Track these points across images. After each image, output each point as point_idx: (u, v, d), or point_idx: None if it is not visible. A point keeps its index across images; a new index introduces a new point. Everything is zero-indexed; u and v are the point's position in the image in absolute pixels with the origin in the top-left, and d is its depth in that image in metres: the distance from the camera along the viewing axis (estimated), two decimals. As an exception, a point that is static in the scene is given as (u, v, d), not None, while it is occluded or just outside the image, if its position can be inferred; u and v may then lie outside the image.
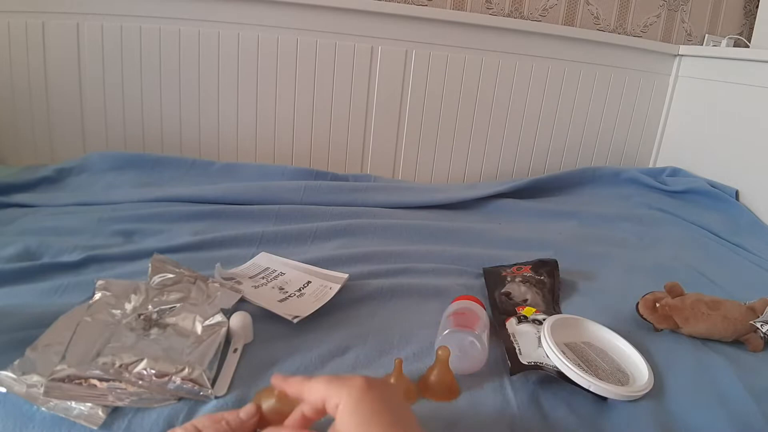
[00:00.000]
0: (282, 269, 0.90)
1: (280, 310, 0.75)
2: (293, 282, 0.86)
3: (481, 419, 0.59)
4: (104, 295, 0.70)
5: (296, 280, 0.86)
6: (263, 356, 0.66)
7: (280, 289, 0.83)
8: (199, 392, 0.57)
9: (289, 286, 0.84)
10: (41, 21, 1.33)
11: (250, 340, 0.69)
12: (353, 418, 0.37)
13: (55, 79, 1.37)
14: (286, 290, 0.83)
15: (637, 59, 1.73)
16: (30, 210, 1.08)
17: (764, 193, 1.42)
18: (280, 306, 0.77)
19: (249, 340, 0.69)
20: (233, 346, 0.67)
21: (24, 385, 0.54)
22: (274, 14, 1.44)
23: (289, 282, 0.86)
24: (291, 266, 0.92)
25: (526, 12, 1.65)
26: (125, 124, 1.45)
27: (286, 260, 0.94)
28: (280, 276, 0.88)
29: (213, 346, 0.63)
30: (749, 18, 1.84)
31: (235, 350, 0.66)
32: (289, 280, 0.86)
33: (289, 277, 0.88)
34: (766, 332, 0.79)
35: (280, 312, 0.74)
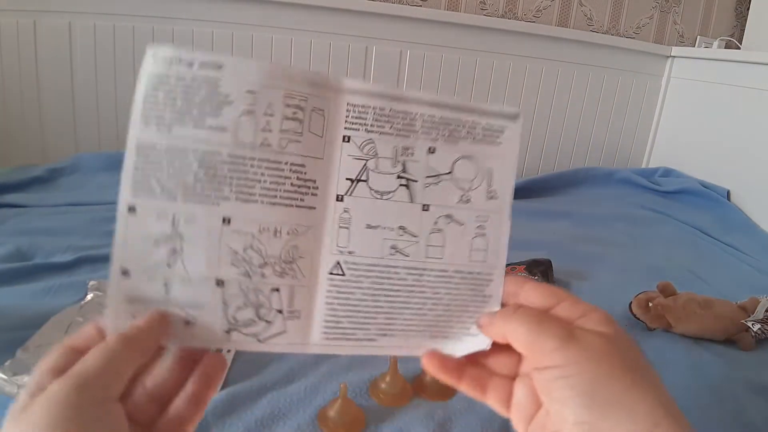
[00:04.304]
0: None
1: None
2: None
3: (476, 418, 0.59)
4: (96, 296, 0.69)
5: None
6: (256, 355, 0.66)
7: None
8: (193, 393, 0.57)
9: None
10: (32, 20, 1.32)
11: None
12: (618, 348, 0.27)
13: (47, 78, 1.36)
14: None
15: (629, 60, 1.74)
16: (21, 210, 1.07)
17: (755, 193, 1.43)
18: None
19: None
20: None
21: (15, 386, 0.54)
22: (269, 14, 1.44)
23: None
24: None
25: (520, 13, 1.66)
26: (118, 123, 1.44)
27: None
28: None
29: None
30: (740, 20, 1.86)
31: (228, 350, 0.66)
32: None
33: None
34: (757, 331, 0.80)
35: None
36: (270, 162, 0.29)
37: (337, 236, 0.31)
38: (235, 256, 0.29)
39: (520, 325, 0.28)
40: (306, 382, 0.62)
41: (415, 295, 0.31)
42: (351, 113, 0.31)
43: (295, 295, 0.30)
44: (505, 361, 0.31)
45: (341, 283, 0.31)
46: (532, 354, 0.28)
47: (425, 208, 0.32)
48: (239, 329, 0.30)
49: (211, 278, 0.29)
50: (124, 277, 0.29)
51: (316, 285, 0.31)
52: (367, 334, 0.31)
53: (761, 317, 0.81)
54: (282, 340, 0.30)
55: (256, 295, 0.30)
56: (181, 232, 0.29)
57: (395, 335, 0.31)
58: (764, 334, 0.81)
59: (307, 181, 0.30)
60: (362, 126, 0.31)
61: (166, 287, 0.29)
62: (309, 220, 0.30)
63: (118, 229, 0.28)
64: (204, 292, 0.29)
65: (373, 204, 0.31)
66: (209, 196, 0.29)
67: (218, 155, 0.29)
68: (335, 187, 0.31)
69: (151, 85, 0.29)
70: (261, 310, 0.30)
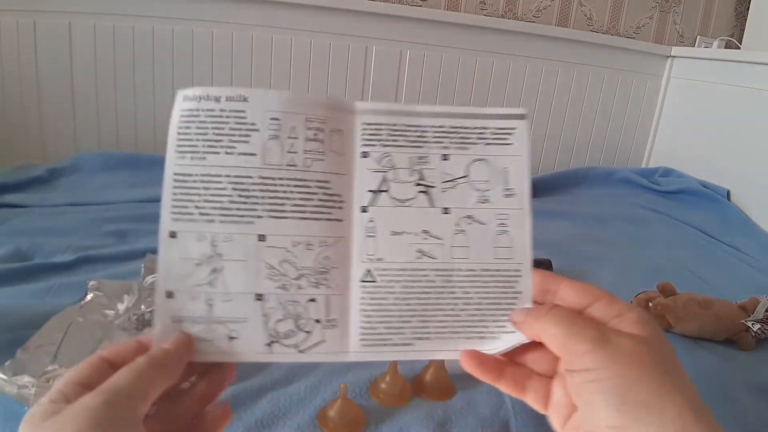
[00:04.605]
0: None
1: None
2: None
3: (475, 418, 0.59)
4: (96, 296, 0.69)
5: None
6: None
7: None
8: (193, 393, 0.57)
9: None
10: (32, 20, 1.32)
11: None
12: (652, 348, 0.27)
13: (47, 78, 1.36)
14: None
15: (629, 60, 1.74)
16: (21, 210, 1.07)
17: (755, 193, 1.43)
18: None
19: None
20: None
21: (15, 386, 0.54)
22: (268, 14, 1.44)
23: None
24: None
25: (519, 13, 1.66)
26: (118, 123, 1.44)
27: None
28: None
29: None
30: (740, 20, 1.86)
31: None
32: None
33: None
34: (757, 331, 0.80)
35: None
36: (297, 180, 0.32)
37: (364, 245, 0.32)
38: (271, 270, 0.31)
39: (552, 325, 0.28)
40: (306, 382, 0.62)
41: (446, 296, 0.32)
42: (366, 131, 0.33)
43: (331, 304, 0.32)
44: (543, 359, 0.31)
45: (373, 289, 0.32)
46: (565, 355, 0.28)
47: (446, 211, 0.33)
48: (280, 341, 0.31)
49: (251, 293, 0.31)
50: (169, 299, 0.31)
51: (350, 293, 0.32)
52: (403, 338, 0.32)
53: (761, 317, 0.81)
54: (321, 349, 0.31)
55: (294, 307, 0.31)
56: (220, 251, 0.31)
57: (431, 338, 0.32)
58: (764, 334, 0.81)
59: (333, 196, 0.32)
60: (378, 142, 0.33)
61: (209, 305, 0.31)
62: (338, 231, 0.32)
63: (161, 254, 0.31)
64: (245, 307, 0.31)
65: (396, 211, 0.33)
66: (244, 216, 0.31)
67: (250, 178, 0.31)
68: (359, 200, 0.33)
69: (183, 121, 0.33)
70: (300, 320, 0.31)
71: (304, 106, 0.32)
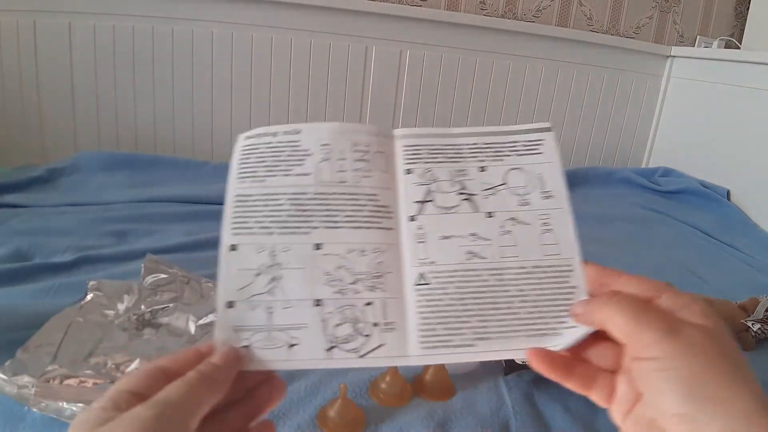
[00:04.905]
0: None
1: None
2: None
3: (475, 418, 0.59)
4: (96, 296, 0.69)
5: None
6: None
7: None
8: (193, 393, 0.57)
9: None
10: (32, 20, 1.32)
11: (243, 340, 0.69)
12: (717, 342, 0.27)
13: (47, 78, 1.36)
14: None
15: (629, 60, 1.74)
16: (21, 210, 1.07)
17: (755, 193, 1.43)
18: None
19: (243, 340, 0.69)
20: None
21: (15, 386, 0.54)
22: (268, 14, 1.44)
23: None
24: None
25: (519, 13, 1.66)
26: (118, 123, 1.44)
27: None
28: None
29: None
30: (740, 20, 1.86)
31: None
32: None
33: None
34: (757, 331, 0.80)
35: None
36: (348, 194, 0.34)
37: (416, 250, 0.34)
38: (328, 276, 0.33)
39: (617, 312, 0.28)
40: (306, 382, 0.62)
41: (501, 294, 0.33)
42: (408, 152, 0.36)
43: (388, 307, 0.32)
44: (606, 353, 0.31)
45: (428, 292, 0.33)
46: (632, 343, 0.28)
47: (490, 215, 0.35)
48: (339, 346, 0.31)
49: (309, 299, 0.32)
50: (230, 309, 0.32)
51: (405, 297, 0.33)
52: (464, 339, 0.32)
53: (761, 317, 0.81)
54: (381, 353, 0.32)
55: (352, 311, 0.32)
56: (279, 261, 0.33)
57: (492, 338, 0.32)
58: (764, 334, 0.81)
59: (382, 207, 0.35)
60: (419, 160, 0.36)
61: (268, 313, 0.32)
62: (389, 238, 0.34)
63: (222, 266, 0.32)
64: (304, 313, 0.32)
65: (443, 218, 0.35)
66: (301, 227, 0.33)
67: (305, 194, 0.34)
68: (406, 210, 0.35)
69: (243, 153, 0.36)
70: (358, 324, 0.32)
71: (349, 133, 0.36)
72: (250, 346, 0.31)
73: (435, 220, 0.34)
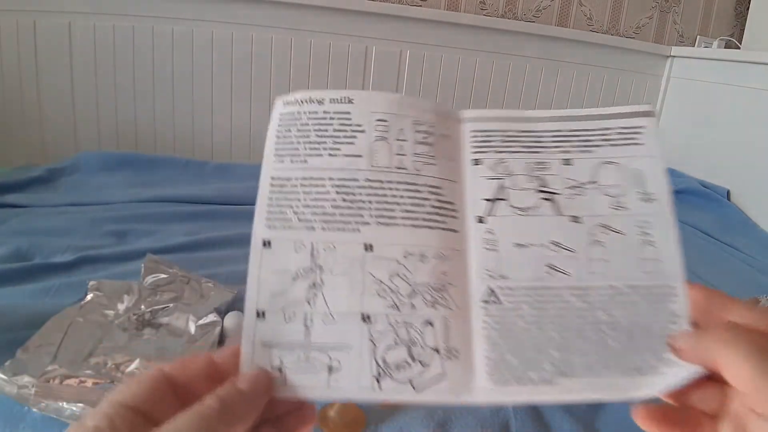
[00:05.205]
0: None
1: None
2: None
3: (475, 419, 0.59)
4: (96, 296, 0.69)
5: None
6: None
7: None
8: (193, 393, 0.57)
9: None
10: (32, 20, 1.32)
11: (243, 340, 0.69)
12: None
13: (47, 78, 1.36)
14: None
15: (629, 60, 1.74)
16: (22, 210, 1.07)
17: (755, 193, 1.43)
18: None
19: (243, 340, 0.69)
20: (227, 346, 0.66)
21: (15, 386, 0.54)
22: (268, 14, 1.44)
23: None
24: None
25: (519, 13, 1.66)
26: (118, 123, 1.44)
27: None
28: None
29: (206, 346, 0.63)
30: (740, 20, 1.86)
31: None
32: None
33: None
34: (757, 331, 0.80)
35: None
36: (408, 184, 0.29)
37: (484, 259, 0.28)
38: (380, 286, 0.27)
39: (739, 354, 0.22)
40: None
41: (588, 319, 0.27)
42: (477, 138, 0.31)
43: (451, 328, 0.27)
44: (708, 396, 0.25)
45: (498, 312, 0.27)
46: (756, 396, 0.22)
47: (576, 219, 0.29)
48: (390, 374, 0.26)
49: (356, 313, 0.27)
50: (260, 320, 0.26)
51: (471, 316, 0.27)
52: (543, 375, 0.26)
53: (761, 317, 0.81)
54: (442, 386, 0.26)
55: (407, 331, 0.26)
56: (321, 263, 0.27)
57: (578, 374, 0.26)
58: (764, 334, 0.81)
59: (446, 203, 0.29)
60: (490, 148, 0.30)
61: (306, 328, 0.26)
62: (454, 243, 0.28)
63: (252, 267, 0.27)
64: (349, 330, 0.26)
65: (518, 221, 0.29)
66: (349, 222, 0.28)
67: (355, 181, 0.28)
68: (473, 209, 0.29)
69: (283, 123, 0.30)
70: (414, 349, 0.26)
71: (411, 108, 0.30)
72: (282, 368, 0.26)
73: (508, 223, 0.29)
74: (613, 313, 0.27)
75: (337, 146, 0.29)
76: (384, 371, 0.26)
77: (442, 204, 0.29)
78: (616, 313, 0.27)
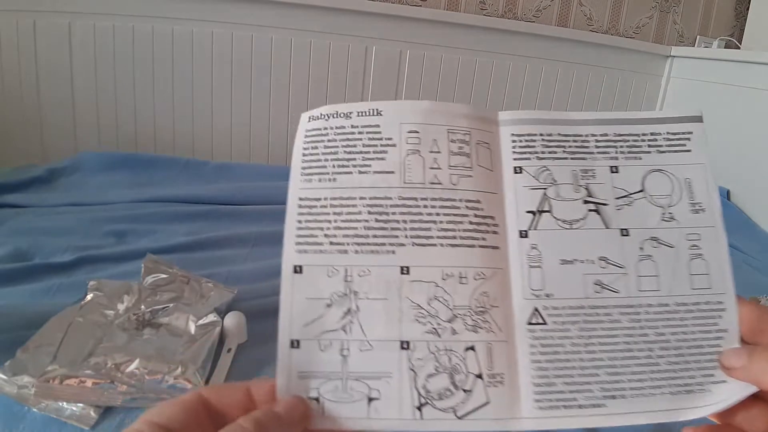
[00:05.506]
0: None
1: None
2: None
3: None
4: (96, 296, 0.69)
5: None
6: (257, 356, 0.66)
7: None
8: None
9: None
10: (32, 20, 1.32)
11: (244, 340, 0.69)
12: None
13: (47, 78, 1.36)
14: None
15: (629, 60, 1.74)
16: (21, 210, 1.07)
17: (755, 193, 1.43)
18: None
19: (243, 340, 0.69)
20: (227, 346, 0.66)
21: (15, 386, 0.54)
22: (268, 14, 1.44)
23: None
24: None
25: (519, 13, 1.66)
26: (118, 123, 1.44)
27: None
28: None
29: (206, 346, 0.63)
30: (740, 20, 1.86)
31: (229, 350, 0.66)
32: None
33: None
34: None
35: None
36: (443, 200, 0.27)
37: (528, 278, 0.27)
38: (419, 311, 0.26)
39: None
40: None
41: (637, 339, 0.26)
42: (517, 143, 0.29)
43: (494, 353, 0.26)
44: (757, 416, 0.24)
45: (544, 334, 0.26)
46: None
47: (624, 233, 0.27)
48: (432, 402, 0.25)
49: (395, 340, 0.26)
50: (295, 350, 0.26)
51: (515, 339, 0.26)
52: (591, 397, 0.25)
53: (761, 317, 0.81)
54: (486, 413, 0.25)
55: (449, 357, 0.26)
56: (356, 288, 0.26)
57: (627, 396, 0.25)
58: (764, 334, 0.80)
59: (486, 218, 0.27)
60: (532, 155, 0.29)
61: (342, 357, 0.26)
62: (495, 261, 0.27)
63: (284, 295, 0.26)
64: (388, 358, 0.26)
65: (563, 235, 0.27)
66: (383, 244, 0.27)
67: (388, 199, 0.27)
68: (516, 222, 0.28)
69: (309, 141, 0.28)
70: (457, 375, 0.25)
71: (444, 116, 0.28)
72: (320, 399, 0.25)
73: (553, 238, 0.27)
74: (662, 331, 0.26)
75: (368, 162, 0.28)
76: (426, 400, 0.25)
77: (482, 219, 0.27)
78: (665, 332, 0.26)
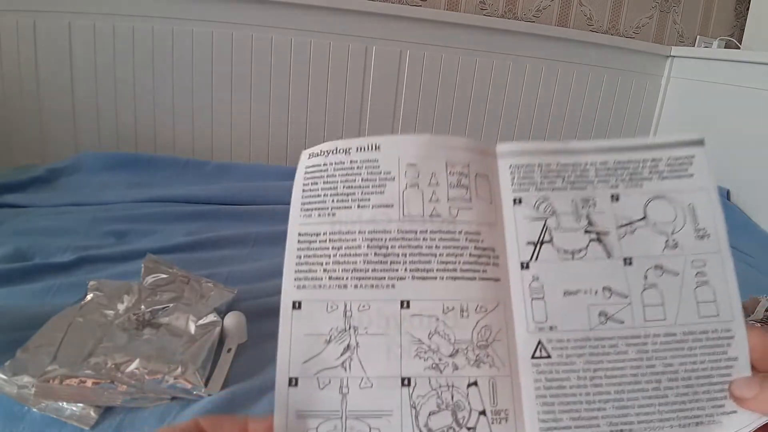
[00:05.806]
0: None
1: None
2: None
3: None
4: (96, 296, 0.69)
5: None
6: (257, 356, 0.66)
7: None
8: (193, 391, 0.57)
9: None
10: (32, 20, 1.32)
11: (244, 340, 0.69)
12: None
13: (47, 78, 1.36)
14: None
15: (629, 60, 1.74)
16: (21, 210, 1.07)
17: (755, 193, 1.43)
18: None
19: (243, 340, 0.69)
20: (227, 346, 0.67)
21: (15, 386, 0.54)
22: (268, 14, 1.44)
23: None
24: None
25: (519, 13, 1.66)
26: (118, 123, 1.44)
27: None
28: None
29: (206, 346, 0.63)
30: (740, 19, 1.86)
31: (229, 350, 0.66)
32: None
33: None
34: (757, 331, 0.80)
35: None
36: (443, 233, 0.27)
37: (531, 310, 0.26)
38: (420, 346, 0.26)
39: None
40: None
41: (645, 371, 0.25)
42: (516, 175, 0.29)
43: (498, 389, 0.25)
44: None
45: (548, 367, 0.26)
46: None
47: (628, 261, 0.27)
48: None
49: (395, 376, 0.25)
50: (293, 388, 0.25)
51: (519, 374, 0.26)
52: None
53: (761, 317, 0.81)
54: None
55: (451, 393, 0.25)
56: (355, 323, 0.26)
57: (635, 431, 0.25)
58: (764, 334, 0.81)
59: (486, 250, 0.27)
60: (532, 185, 0.28)
61: (342, 395, 0.25)
62: (496, 293, 0.27)
63: (283, 331, 0.26)
64: (388, 396, 0.25)
65: (565, 266, 0.27)
66: (383, 278, 0.26)
67: (387, 233, 0.27)
68: (517, 254, 0.27)
69: (309, 177, 0.29)
70: (459, 413, 0.25)
71: (442, 149, 0.28)
72: None
73: (555, 269, 0.27)
74: (670, 362, 0.26)
75: (367, 196, 0.28)
76: None
77: (482, 251, 0.27)
78: (673, 362, 0.26)
